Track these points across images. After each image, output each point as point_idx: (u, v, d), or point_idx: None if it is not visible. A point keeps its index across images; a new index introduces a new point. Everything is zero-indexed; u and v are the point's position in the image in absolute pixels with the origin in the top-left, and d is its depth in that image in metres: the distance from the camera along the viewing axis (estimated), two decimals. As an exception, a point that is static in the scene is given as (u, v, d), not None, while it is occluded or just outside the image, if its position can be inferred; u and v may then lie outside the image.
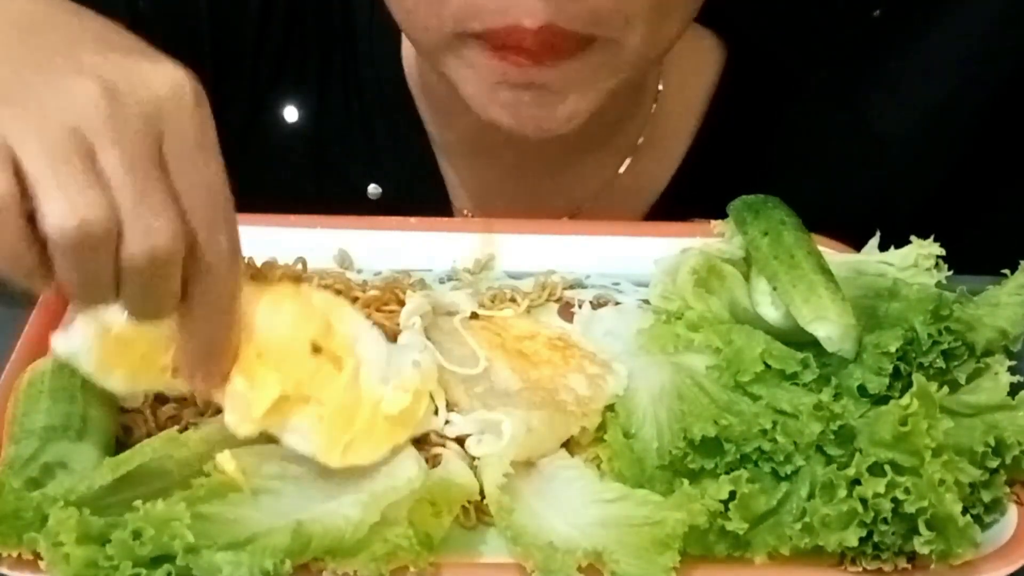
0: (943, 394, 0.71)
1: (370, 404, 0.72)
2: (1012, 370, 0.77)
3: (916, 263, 0.85)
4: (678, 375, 0.77)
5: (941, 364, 0.76)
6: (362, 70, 1.06)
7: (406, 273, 0.89)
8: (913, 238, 0.85)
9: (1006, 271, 0.82)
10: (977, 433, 0.72)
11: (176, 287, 0.64)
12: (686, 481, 0.70)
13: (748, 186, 0.90)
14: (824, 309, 0.77)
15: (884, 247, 0.88)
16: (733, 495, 0.68)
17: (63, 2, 0.70)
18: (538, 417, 0.75)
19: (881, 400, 0.75)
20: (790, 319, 0.79)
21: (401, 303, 0.82)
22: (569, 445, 0.76)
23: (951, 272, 0.84)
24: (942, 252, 0.85)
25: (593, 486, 0.72)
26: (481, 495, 0.71)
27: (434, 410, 0.75)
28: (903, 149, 1.13)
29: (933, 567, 0.68)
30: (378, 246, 0.90)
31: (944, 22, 1.16)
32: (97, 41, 0.66)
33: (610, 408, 0.77)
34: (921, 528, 0.66)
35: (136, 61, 0.64)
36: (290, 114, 1.06)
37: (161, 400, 0.76)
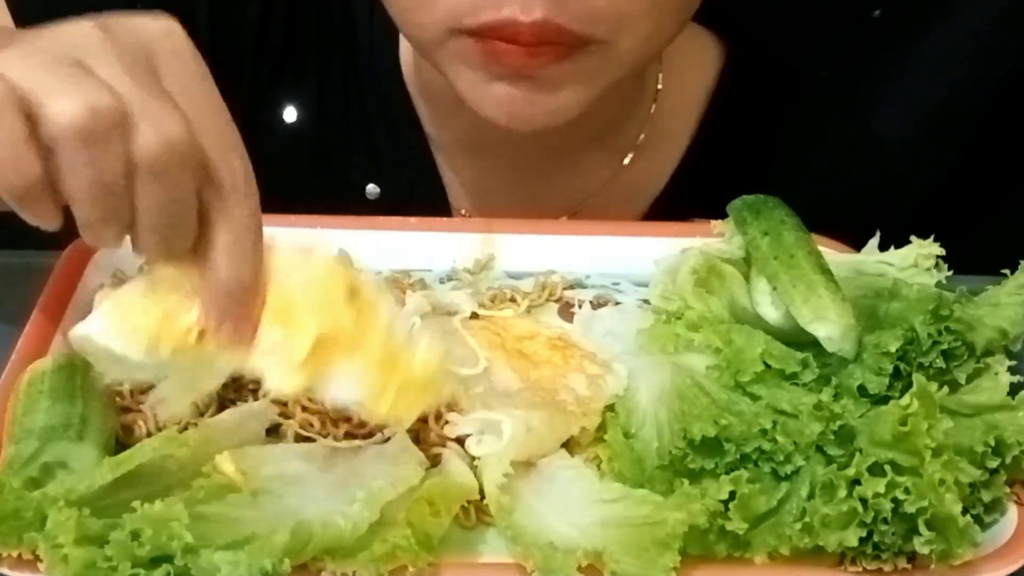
0: (943, 394, 0.71)
1: (405, 360, 0.68)
2: (1012, 370, 0.77)
3: (916, 263, 0.85)
4: (678, 375, 0.77)
5: (941, 364, 0.76)
6: (361, 70, 1.07)
7: (406, 273, 0.89)
8: (913, 238, 0.85)
9: (1006, 271, 0.82)
10: (977, 433, 0.72)
11: (192, 205, 0.63)
12: (686, 481, 0.70)
13: (747, 185, 0.90)
14: (824, 309, 0.77)
15: (884, 247, 0.88)
16: (733, 495, 0.68)
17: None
18: (538, 417, 0.75)
19: (881, 400, 0.75)
20: (790, 319, 0.79)
21: (401, 303, 0.82)
22: (569, 445, 0.76)
23: (951, 272, 0.84)
24: (942, 252, 0.85)
25: (593, 486, 0.72)
26: (481, 495, 0.71)
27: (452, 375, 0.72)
28: (903, 149, 1.13)
29: (933, 567, 0.68)
30: (378, 246, 0.90)
31: (944, 22, 1.16)
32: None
33: (610, 408, 0.77)
34: (921, 528, 0.66)
35: (128, 14, 0.65)
36: (289, 114, 1.07)
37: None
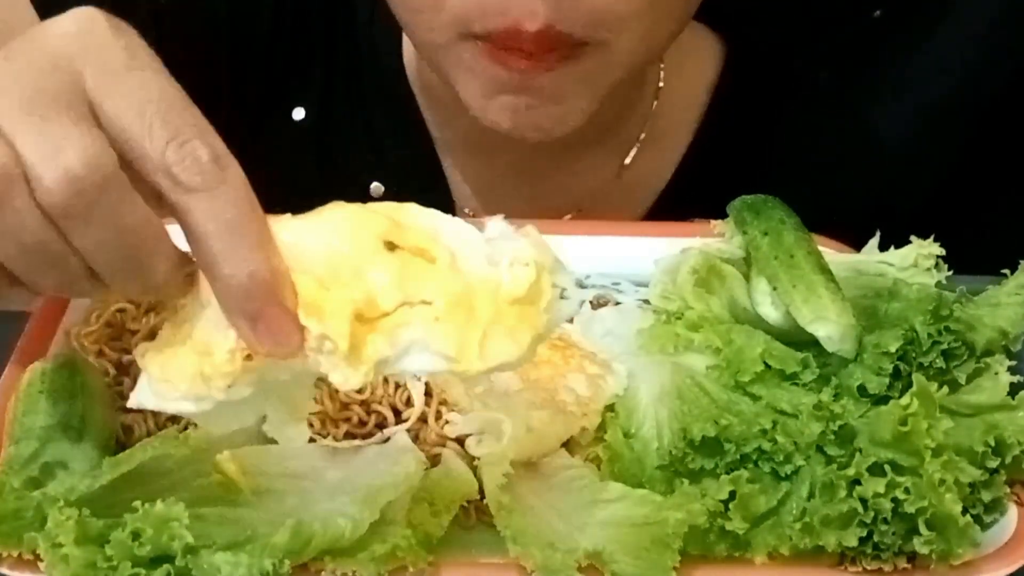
0: (943, 394, 0.71)
1: (487, 291, 0.59)
2: (1012, 370, 0.77)
3: (916, 263, 0.85)
4: (678, 375, 0.77)
5: (941, 364, 0.76)
6: (365, 70, 1.07)
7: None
8: (913, 238, 0.85)
9: (1006, 271, 0.82)
10: (977, 433, 0.72)
11: (149, 223, 0.57)
12: (686, 481, 0.70)
13: (748, 184, 0.90)
14: (824, 309, 0.77)
15: (884, 247, 0.88)
16: (733, 495, 0.68)
17: None
18: (538, 417, 0.75)
19: (881, 400, 0.75)
20: (790, 319, 0.79)
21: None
22: (569, 445, 0.76)
23: (951, 272, 0.84)
24: (942, 252, 0.84)
25: (593, 486, 0.72)
26: (481, 495, 0.71)
27: (559, 292, 0.60)
28: (904, 149, 1.13)
29: (933, 567, 0.68)
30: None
31: (945, 23, 1.16)
32: None
33: (610, 408, 0.77)
34: (921, 528, 0.66)
35: (34, 29, 0.59)
36: (298, 113, 1.08)
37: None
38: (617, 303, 0.89)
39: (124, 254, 0.57)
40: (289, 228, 0.59)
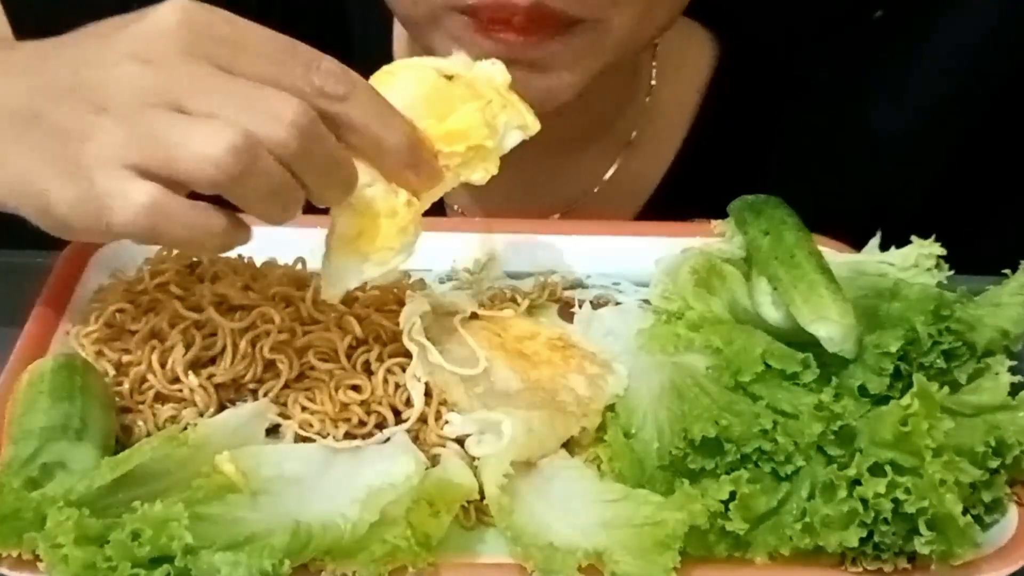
0: (944, 394, 0.71)
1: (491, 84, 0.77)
2: (1013, 370, 0.77)
3: (917, 263, 0.84)
4: (678, 375, 0.77)
5: (942, 364, 0.76)
6: (354, 60, 1.07)
7: (406, 273, 0.89)
8: (914, 238, 0.85)
9: (1006, 271, 0.82)
10: (978, 433, 0.72)
11: (335, 142, 0.68)
12: (686, 481, 0.70)
13: (743, 183, 0.90)
14: (825, 309, 0.77)
15: (885, 247, 0.88)
16: (733, 495, 0.68)
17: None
18: (538, 417, 0.74)
19: (882, 400, 0.75)
20: (791, 319, 0.79)
21: (401, 303, 0.82)
22: (569, 445, 0.76)
23: (952, 272, 0.84)
24: (943, 252, 0.84)
25: (593, 486, 0.72)
26: (481, 495, 0.71)
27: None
28: (903, 149, 1.13)
29: (933, 567, 0.68)
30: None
31: (945, 23, 1.16)
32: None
33: (610, 408, 0.77)
34: (922, 528, 0.66)
35: (131, 20, 0.68)
36: None
37: (161, 400, 0.76)
38: (617, 303, 0.89)
39: (334, 173, 0.69)
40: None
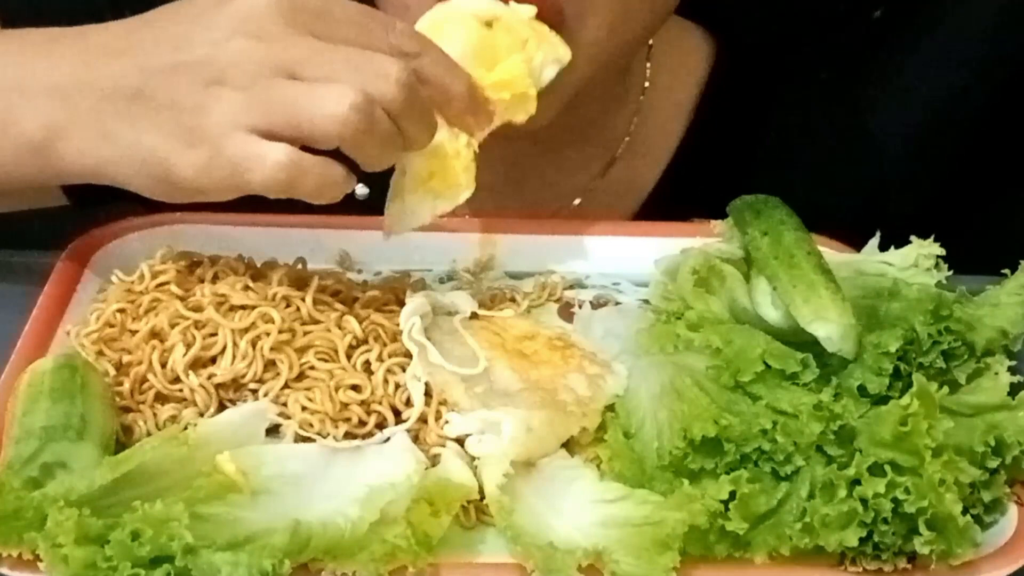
0: (943, 394, 0.71)
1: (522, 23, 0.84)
2: (1012, 370, 0.77)
3: (916, 263, 0.85)
4: (678, 375, 0.77)
5: (941, 364, 0.76)
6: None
7: (406, 273, 0.89)
8: (913, 238, 0.85)
9: (1006, 271, 0.82)
10: (977, 433, 0.72)
11: (424, 96, 0.75)
12: (686, 481, 0.70)
13: (739, 183, 0.90)
14: (824, 309, 0.77)
15: (884, 247, 0.88)
16: (733, 495, 0.68)
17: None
18: (538, 417, 0.75)
19: (881, 400, 0.75)
20: (790, 319, 0.79)
21: (401, 303, 0.82)
22: (569, 445, 0.76)
23: (951, 272, 0.84)
24: (942, 252, 0.85)
25: (593, 486, 0.72)
26: (481, 495, 0.71)
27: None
28: (903, 149, 1.13)
29: (933, 567, 0.68)
30: (378, 246, 0.90)
31: (944, 23, 1.16)
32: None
33: (610, 408, 0.77)
34: (921, 528, 0.66)
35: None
36: None
37: (161, 400, 0.76)
38: (617, 303, 0.89)
39: (426, 120, 0.77)
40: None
